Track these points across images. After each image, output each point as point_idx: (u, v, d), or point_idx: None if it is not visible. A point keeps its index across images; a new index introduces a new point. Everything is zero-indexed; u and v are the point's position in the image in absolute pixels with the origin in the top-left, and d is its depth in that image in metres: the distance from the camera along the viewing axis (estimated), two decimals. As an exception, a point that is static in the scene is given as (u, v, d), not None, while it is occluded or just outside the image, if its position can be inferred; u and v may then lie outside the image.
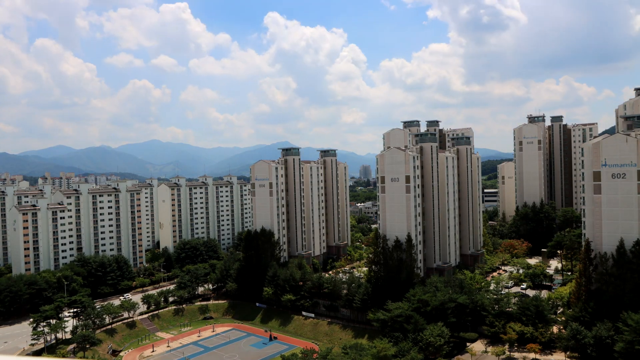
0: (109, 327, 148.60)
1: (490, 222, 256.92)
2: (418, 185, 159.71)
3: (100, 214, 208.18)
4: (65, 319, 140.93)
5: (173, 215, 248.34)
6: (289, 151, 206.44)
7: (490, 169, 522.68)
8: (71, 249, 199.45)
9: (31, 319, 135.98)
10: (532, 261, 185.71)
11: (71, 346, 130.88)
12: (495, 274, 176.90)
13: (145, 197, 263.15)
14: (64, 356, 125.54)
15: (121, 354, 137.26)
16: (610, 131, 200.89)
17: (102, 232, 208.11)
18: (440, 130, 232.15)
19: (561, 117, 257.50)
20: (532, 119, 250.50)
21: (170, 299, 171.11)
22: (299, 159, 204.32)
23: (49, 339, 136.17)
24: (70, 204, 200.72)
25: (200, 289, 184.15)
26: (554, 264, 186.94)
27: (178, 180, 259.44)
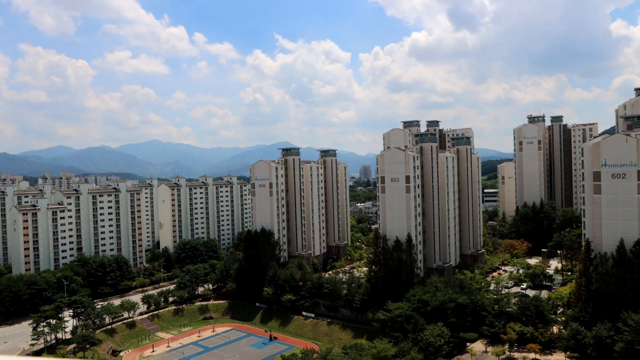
0: (109, 327, 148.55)
1: (490, 222, 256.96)
2: (418, 185, 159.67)
3: (100, 214, 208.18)
4: (66, 319, 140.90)
5: (173, 215, 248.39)
6: (289, 151, 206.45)
7: (490, 169, 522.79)
8: (71, 249, 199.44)
9: (31, 319, 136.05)
10: (532, 261, 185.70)
11: (71, 346, 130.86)
12: (495, 274, 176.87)
13: (145, 197, 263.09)
14: (64, 356, 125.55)
15: (121, 354, 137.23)
16: (611, 131, 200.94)
17: (102, 232, 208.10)
18: (440, 130, 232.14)
19: (561, 117, 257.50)
20: (532, 119, 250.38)
21: (170, 299, 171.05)
22: (299, 159, 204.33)
23: (49, 339, 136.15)
24: (70, 204, 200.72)
25: (200, 289, 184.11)
26: (554, 264, 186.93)
27: (178, 180, 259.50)
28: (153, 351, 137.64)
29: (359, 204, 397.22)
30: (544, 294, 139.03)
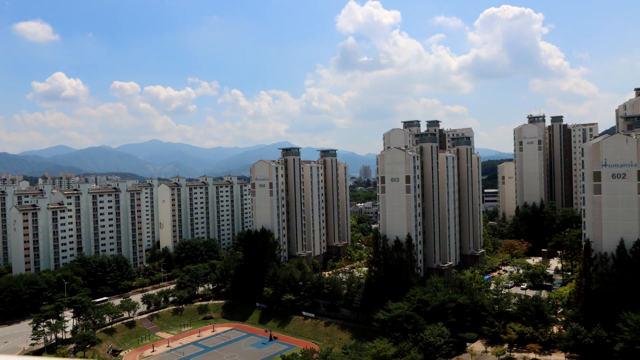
0: (109, 327, 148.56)
1: (490, 222, 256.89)
2: (418, 185, 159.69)
3: (101, 214, 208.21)
4: (66, 318, 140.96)
5: (173, 215, 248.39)
6: (289, 151, 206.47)
7: (490, 169, 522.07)
8: (71, 249, 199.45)
9: (31, 319, 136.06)
10: (532, 261, 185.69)
11: (71, 346, 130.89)
12: (495, 274, 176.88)
13: (146, 197, 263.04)
14: (64, 356, 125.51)
15: (121, 353, 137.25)
16: (611, 131, 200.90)
17: (102, 232, 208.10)
18: (441, 130, 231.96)
19: (561, 117, 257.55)
20: (532, 119, 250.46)
21: (170, 299, 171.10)
22: (299, 159, 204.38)
23: (49, 338, 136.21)
24: (71, 204, 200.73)
25: (200, 289, 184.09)
26: (554, 264, 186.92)
27: (178, 180, 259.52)
28: (153, 351, 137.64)
29: (359, 204, 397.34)
30: (544, 294, 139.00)
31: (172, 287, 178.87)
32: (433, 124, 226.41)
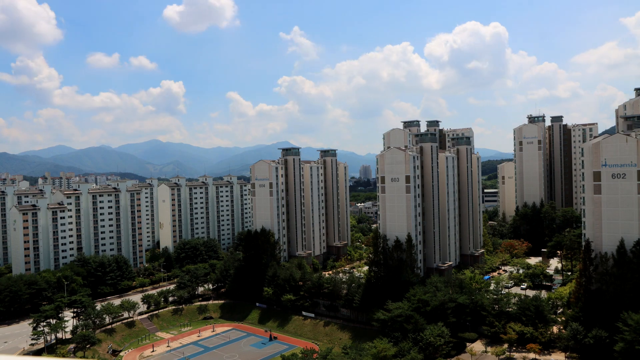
0: (109, 327, 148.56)
1: (490, 222, 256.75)
2: (418, 185, 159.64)
3: (101, 214, 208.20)
4: (66, 318, 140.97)
5: (173, 215, 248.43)
6: (289, 151, 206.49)
7: (490, 169, 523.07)
8: (71, 249, 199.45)
9: (31, 319, 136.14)
10: (532, 261, 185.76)
11: (71, 346, 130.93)
12: (495, 274, 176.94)
13: (146, 197, 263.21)
14: (64, 356, 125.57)
15: (121, 353, 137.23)
16: (611, 131, 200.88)
17: (102, 232, 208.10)
18: (440, 130, 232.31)
19: (561, 117, 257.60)
20: (532, 119, 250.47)
21: (170, 299, 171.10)
22: (299, 159, 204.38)
23: (49, 338, 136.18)
24: (71, 204, 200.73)
25: (200, 289, 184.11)
26: (554, 264, 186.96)
27: (178, 180, 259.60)
28: (153, 351, 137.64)
29: (359, 204, 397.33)
30: (544, 294, 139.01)
31: (172, 287, 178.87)
32: (433, 124, 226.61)
